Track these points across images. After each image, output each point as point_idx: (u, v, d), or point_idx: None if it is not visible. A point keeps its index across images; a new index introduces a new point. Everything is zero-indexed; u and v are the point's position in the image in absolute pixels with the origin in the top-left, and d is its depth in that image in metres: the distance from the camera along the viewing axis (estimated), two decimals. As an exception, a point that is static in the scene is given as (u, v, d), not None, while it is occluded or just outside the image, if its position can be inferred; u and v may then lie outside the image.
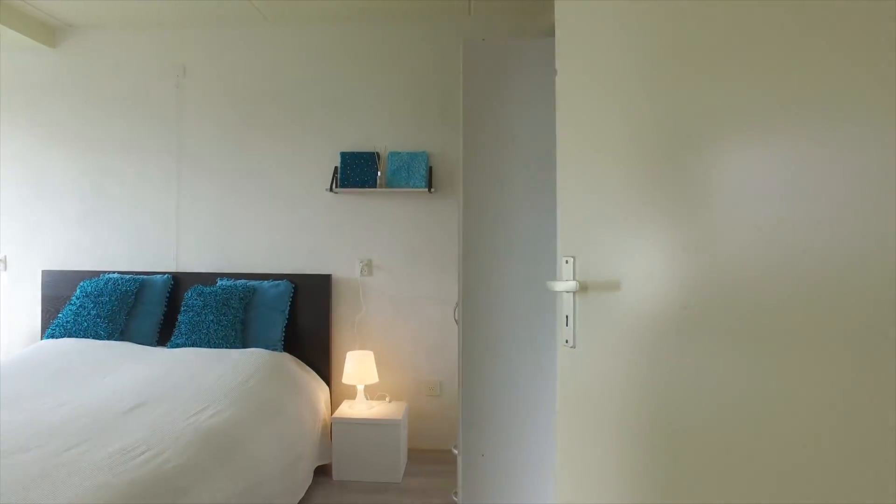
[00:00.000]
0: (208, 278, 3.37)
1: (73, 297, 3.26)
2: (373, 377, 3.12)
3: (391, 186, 3.30)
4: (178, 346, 3.06)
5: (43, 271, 3.53)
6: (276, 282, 3.27)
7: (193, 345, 3.03)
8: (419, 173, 3.30)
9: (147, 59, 3.54)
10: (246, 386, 2.59)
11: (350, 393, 3.31)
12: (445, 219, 3.36)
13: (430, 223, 3.37)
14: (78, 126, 3.59)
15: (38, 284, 3.59)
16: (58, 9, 3.38)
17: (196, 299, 3.13)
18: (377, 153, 3.34)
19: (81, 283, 3.31)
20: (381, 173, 3.32)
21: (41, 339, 3.32)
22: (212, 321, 3.05)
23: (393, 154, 3.33)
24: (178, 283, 3.39)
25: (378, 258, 3.40)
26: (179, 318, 3.15)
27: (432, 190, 3.28)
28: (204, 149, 3.50)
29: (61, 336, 3.14)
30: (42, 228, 3.62)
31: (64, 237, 3.60)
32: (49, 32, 3.59)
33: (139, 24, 3.50)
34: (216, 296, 3.12)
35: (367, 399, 3.20)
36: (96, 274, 3.45)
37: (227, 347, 3.02)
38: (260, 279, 3.33)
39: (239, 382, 2.61)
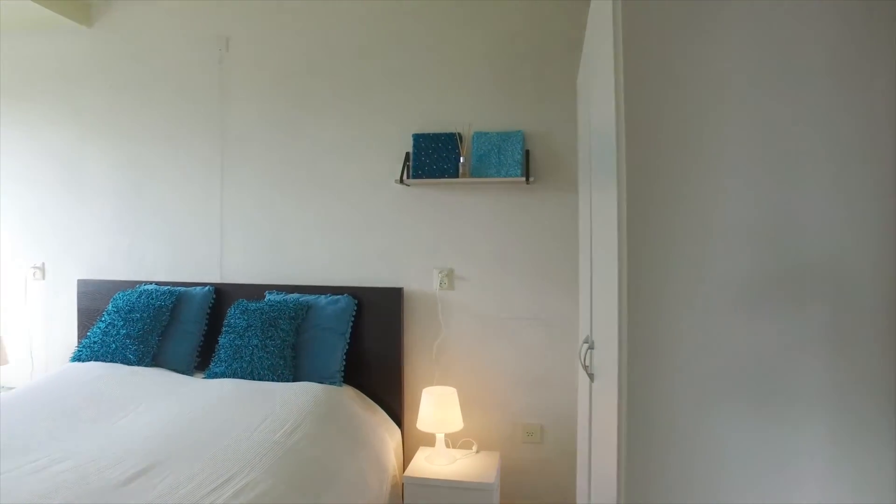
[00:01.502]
0: (255, 291, 2.77)
1: (104, 313, 2.77)
2: (456, 423, 2.41)
3: (477, 176, 2.59)
4: (216, 375, 2.48)
5: (79, 280, 3.07)
6: (336, 297, 2.63)
7: (234, 375, 2.45)
8: (513, 158, 2.57)
9: (187, 31, 3.00)
10: (290, 441, 1.95)
11: (427, 438, 2.62)
12: (549, 216, 2.60)
13: (528, 222, 2.62)
14: (113, 115, 3.11)
15: (75, 296, 3.15)
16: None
17: (239, 318, 2.54)
18: (459, 134, 2.64)
19: (114, 296, 2.81)
20: (465, 159, 2.61)
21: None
22: (256, 346, 2.45)
23: (479, 135, 2.62)
24: (221, 297, 2.82)
25: (461, 267, 2.69)
26: (220, 340, 2.57)
27: (531, 179, 2.54)
28: (250, 136, 2.92)
29: (88, 359, 2.65)
30: (78, 232, 3.17)
31: (100, 242, 3.13)
32: (84, 9, 3.14)
33: (180, -10, 2.99)
34: (263, 314, 2.52)
35: (449, 447, 2.50)
36: (132, 284, 2.95)
37: (273, 380, 2.41)
38: (315, 293, 2.70)
39: (282, 435, 1.97)
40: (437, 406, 2.39)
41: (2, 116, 3.32)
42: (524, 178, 2.51)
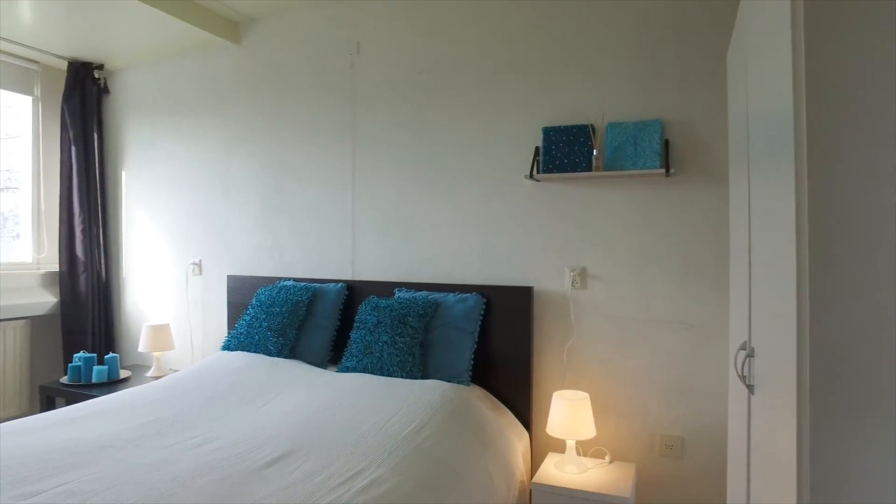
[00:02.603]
0: (385, 288, 2.83)
1: (249, 306, 2.98)
2: (588, 430, 2.28)
3: (611, 169, 2.43)
4: (347, 369, 2.55)
5: (228, 276, 3.34)
6: (464, 295, 2.61)
7: (364, 370, 2.50)
8: (651, 149, 2.38)
9: (321, 40, 3.15)
10: (417, 438, 1.94)
11: (557, 443, 2.51)
12: (692, 210, 2.38)
13: (669, 217, 2.42)
14: (257, 122, 3.35)
15: (225, 290, 3.43)
16: (239, 2, 3.15)
17: (370, 314, 2.60)
18: (591, 126, 2.49)
19: (258, 291, 3.02)
20: (598, 152, 2.47)
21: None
22: (386, 342, 2.49)
23: (613, 126, 2.46)
24: (352, 293, 2.92)
25: (594, 265, 2.54)
26: (351, 335, 2.65)
27: (671, 171, 2.34)
28: (379, 136, 2.99)
29: (235, 348, 2.86)
30: (228, 232, 3.45)
31: (246, 241, 3.39)
32: (233, 28, 3.41)
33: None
34: (392, 311, 2.55)
35: (580, 455, 2.37)
36: (273, 280, 3.15)
37: (402, 376, 2.43)
38: (444, 291, 2.70)
39: (410, 432, 1.97)
40: (568, 411, 2.27)
41: (166, 129, 3.71)
42: (664, 170, 2.32)
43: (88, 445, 1.87)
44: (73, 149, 3.81)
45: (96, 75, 3.89)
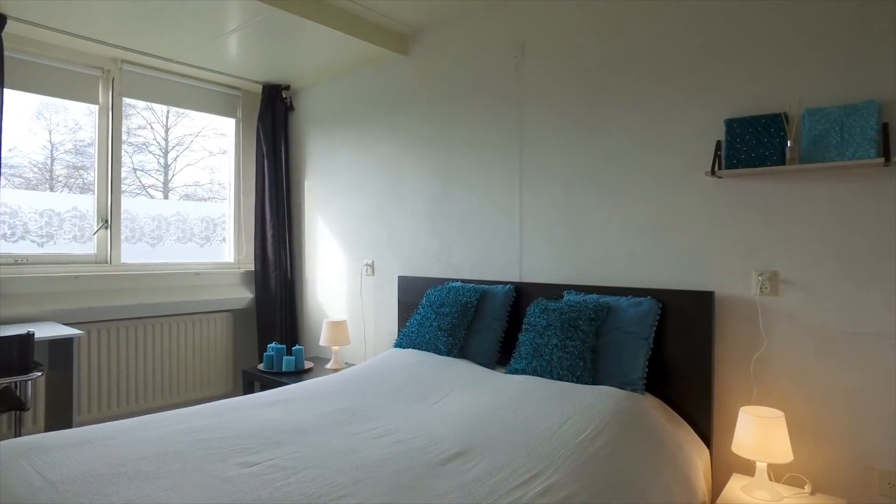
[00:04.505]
0: (554, 291, 2.80)
1: (420, 306, 3.12)
2: (783, 453, 2.04)
3: (809, 161, 2.16)
4: (516, 371, 2.56)
5: (399, 277, 3.54)
6: (638, 299, 2.49)
7: (534, 372, 2.49)
8: (863, 136, 2.07)
9: (486, 44, 3.21)
10: (592, 446, 1.88)
11: (742, 464, 2.29)
12: (919, 206, 2.03)
13: (884, 214, 2.09)
14: (425, 128, 3.51)
15: (396, 290, 3.64)
16: (408, 15, 3.32)
17: (539, 317, 2.59)
18: (784, 115, 2.24)
19: (428, 291, 3.15)
20: (793, 143, 2.21)
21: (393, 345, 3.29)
22: (556, 346, 2.46)
23: (812, 112, 2.18)
24: (520, 296, 2.92)
25: (787, 269, 2.28)
26: (520, 337, 2.66)
27: (892, 160, 2.01)
28: (546, 136, 2.96)
29: (407, 345, 3.02)
30: (399, 234, 3.65)
31: (416, 242, 3.56)
32: (402, 41, 3.60)
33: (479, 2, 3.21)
34: (562, 313, 2.51)
35: (772, 481, 2.14)
36: (442, 281, 3.27)
37: (572, 381, 2.38)
38: (615, 294, 2.60)
39: (584, 439, 1.92)
40: (759, 429, 2.06)
41: (342, 140, 4.03)
42: (881, 160, 2.00)
43: (287, 427, 2.09)
44: (266, 162, 4.30)
45: (283, 95, 4.35)
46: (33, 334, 2.63)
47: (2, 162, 3.08)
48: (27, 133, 3.48)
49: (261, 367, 3.73)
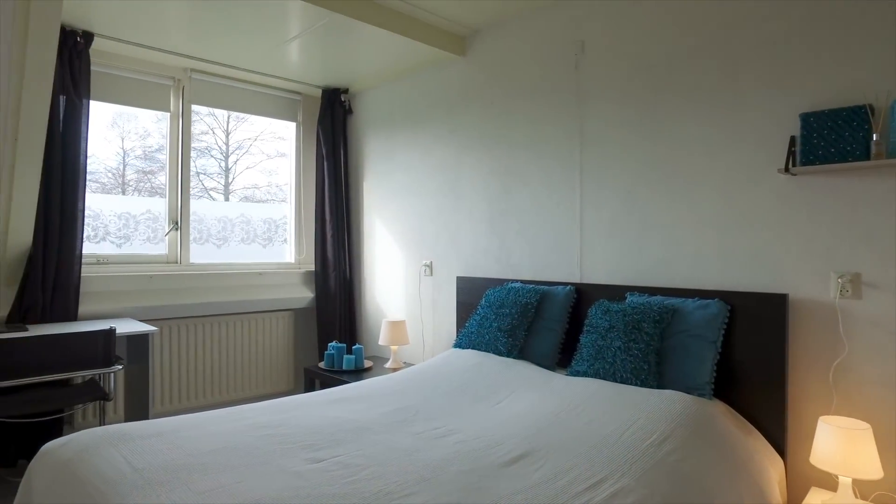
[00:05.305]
0: (616, 292, 2.74)
1: (479, 307, 3.12)
2: (872, 469, 1.92)
3: (897, 156, 2.03)
4: (578, 373, 2.52)
5: (457, 277, 3.55)
6: (705, 301, 2.40)
7: (596, 375, 2.45)
8: (957, 129, 1.93)
9: (544, 43, 3.17)
10: (660, 451, 1.83)
11: (821, 478, 2.18)
12: None
13: (985, 212, 1.94)
14: (484, 128, 3.50)
15: (454, 290, 3.65)
16: (465, 16, 3.33)
17: (601, 318, 2.54)
18: (867, 107, 2.11)
19: (487, 292, 3.15)
20: (879, 136, 2.08)
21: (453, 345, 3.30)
22: (619, 348, 2.40)
23: (900, 104, 2.05)
24: (580, 297, 2.88)
25: (871, 271, 2.15)
26: (581, 339, 2.61)
27: None
28: (607, 135, 2.90)
29: (467, 346, 3.02)
30: (457, 234, 3.66)
31: (474, 243, 3.56)
32: (459, 42, 3.61)
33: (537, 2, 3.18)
34: (625, 315, 2.46)
35: (858, 498, 2.02)
36: (501, 282, 3.26)
37: (636, 384, 2.32)
38: (681, 296, 2.52)
39: (650, 444, 1.87)
40: (842, 442, 1.95)
41: (400, 141, 4.07)
42: (979, 154, 1.86)
43: (351, 425, 2.13)
44: (325, 164, 4.40)
45: (342, 98, 4.44)
46: (115, 330, 2.78)
47: (86, 168, 3.27)
48: (103, 141, 3.69)
49: (321, 365, 3.82)
